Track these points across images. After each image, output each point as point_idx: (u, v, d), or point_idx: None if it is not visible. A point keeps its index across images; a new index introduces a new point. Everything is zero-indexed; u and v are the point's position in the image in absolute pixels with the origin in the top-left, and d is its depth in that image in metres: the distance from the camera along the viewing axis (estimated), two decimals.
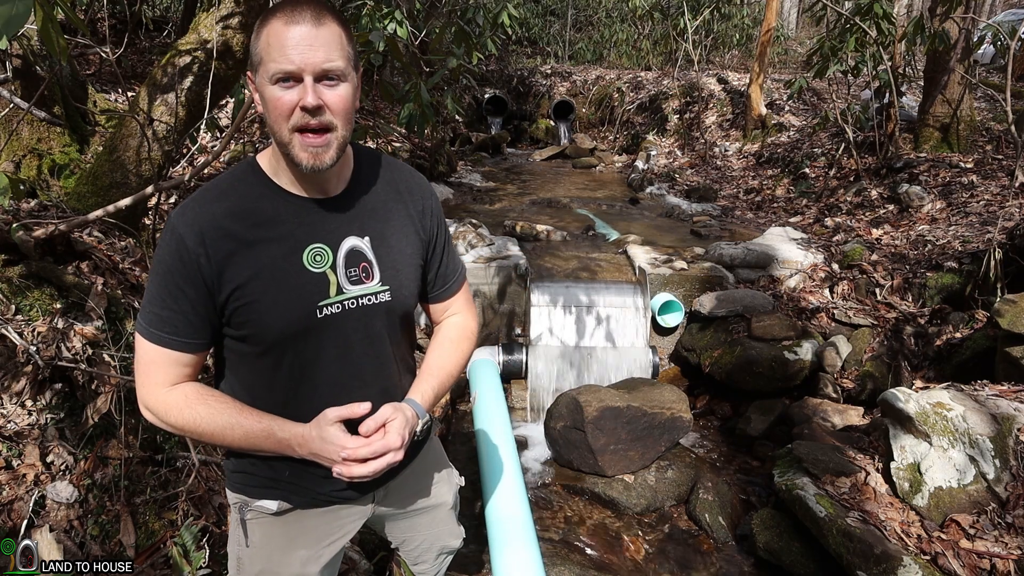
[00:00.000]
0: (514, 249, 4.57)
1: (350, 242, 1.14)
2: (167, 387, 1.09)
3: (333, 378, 1.16)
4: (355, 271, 1.14)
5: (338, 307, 1.12)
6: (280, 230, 1.08)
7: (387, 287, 1.17)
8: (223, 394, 1.13)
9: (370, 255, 1.15)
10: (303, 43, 0.98)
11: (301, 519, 1.25)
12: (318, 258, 1.10)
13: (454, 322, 1.36)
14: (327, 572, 1.32)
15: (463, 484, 1.55)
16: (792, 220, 5.97)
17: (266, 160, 1.12)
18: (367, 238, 1.15)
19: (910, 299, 3.94)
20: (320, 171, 1.04)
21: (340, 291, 1.12)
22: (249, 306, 1.06)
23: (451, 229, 4.75)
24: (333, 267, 1.11)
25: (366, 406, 1.08)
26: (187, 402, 1.08)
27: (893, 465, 2.42)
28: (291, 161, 1.05)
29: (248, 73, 1.08)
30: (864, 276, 4.21)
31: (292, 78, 0.99)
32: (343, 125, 1.04)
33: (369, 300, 1.15)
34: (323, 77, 1.00)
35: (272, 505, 1.22)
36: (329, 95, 1.01)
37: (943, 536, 2.21)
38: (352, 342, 1.15)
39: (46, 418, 1.74)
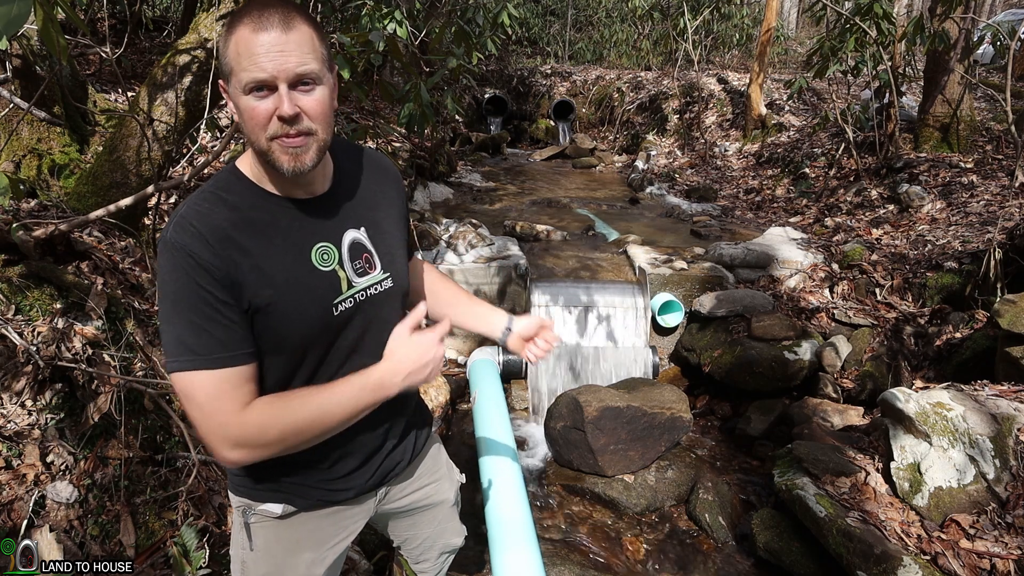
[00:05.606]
0: (514, 249, 4.57)
1: (351, 235, 1.15)
2: (243, 410, 1.00)
3: (348, 372, 1.14)
4: (360, 263, 1.15)
5: (351, 301, 1.13)
6: (282, 235, 1.07)
7: (388, 273, 1.19)
8: (285, 392, 1.10)
9: (369, 245, 1.17)
10: (273, 49, 0.94)
11: (305, 521, 1.25)
12: (325, 256, 1.10)
13: (425, 266, 1.48)
14: (331, 573, 1.32)
15: (463, 481, 1.56)
16: (792, 220, 5.97)
17: (247, 165, 1.09)
18: (363, 228, 1.17)
19: (910, 299, 3.94)
20: (302, 173, 1.02)
21: (351, 285, 1.13)
22: (267, 314, 1.04)
23: (451, 229, 4.75)
24: (341, 263, 1.12)
25: (423, 306, 1.12)
26: (274, 408, 1.01)
27: (893, 465, 2.42)
28: (272, 167, 1.02)
29: (221, 83, 1.04)
30: (864, 276, 4.21)
31: (266, 87, 0.96)
32: (323, 129, 1.02)
33: (375, 289, 1.17)
34: (297, 83, 0.98)
35: (276, 508, 1.21)
36: (305, 100, 0.99)
37: (943, 536, 2.21)
38: (365, 333, 1.17)
39: (46, 418, 1.74)
